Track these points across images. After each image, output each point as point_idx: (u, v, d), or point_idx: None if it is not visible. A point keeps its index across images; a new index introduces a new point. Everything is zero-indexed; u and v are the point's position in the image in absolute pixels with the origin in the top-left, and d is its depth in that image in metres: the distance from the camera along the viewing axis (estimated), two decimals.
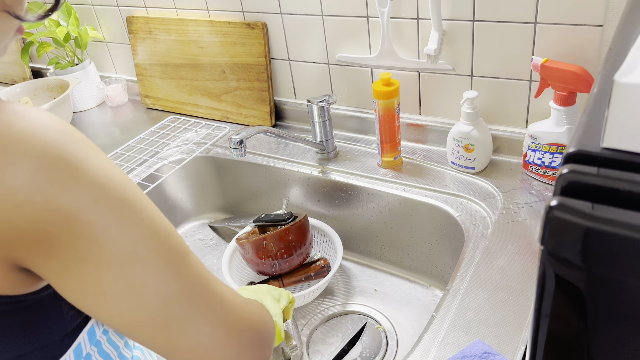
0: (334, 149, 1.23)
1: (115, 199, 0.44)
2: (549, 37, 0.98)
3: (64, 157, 0.42)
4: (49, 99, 1.54)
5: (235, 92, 1.37)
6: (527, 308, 0.79)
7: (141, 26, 1.46)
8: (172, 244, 0.48)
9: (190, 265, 0.49)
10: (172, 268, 0.47)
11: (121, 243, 0.44)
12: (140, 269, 0.45)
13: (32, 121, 0.42)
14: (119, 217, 0.44)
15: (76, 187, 0.42)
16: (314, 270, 1.10)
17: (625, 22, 0.57)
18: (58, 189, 0.41)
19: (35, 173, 0.40)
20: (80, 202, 0.42)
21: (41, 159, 0.41)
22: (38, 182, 0.40)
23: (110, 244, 0.43)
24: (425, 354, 0.75)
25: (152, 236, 0.46)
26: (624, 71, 0.38)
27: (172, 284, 0.47)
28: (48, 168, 0.41)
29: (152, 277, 0.46)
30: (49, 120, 0.43)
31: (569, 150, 0.39)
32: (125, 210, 0.45)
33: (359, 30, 1.16)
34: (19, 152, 0.40)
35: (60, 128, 0.43)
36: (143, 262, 0.45)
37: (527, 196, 1.00)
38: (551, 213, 0.38)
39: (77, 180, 0.42)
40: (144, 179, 1.24)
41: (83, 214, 0.42)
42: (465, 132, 1.04)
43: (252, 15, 1.29)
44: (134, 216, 0.45)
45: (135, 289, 0.45)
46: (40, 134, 0.42)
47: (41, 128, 0.42)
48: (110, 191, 0.44)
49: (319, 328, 1.08)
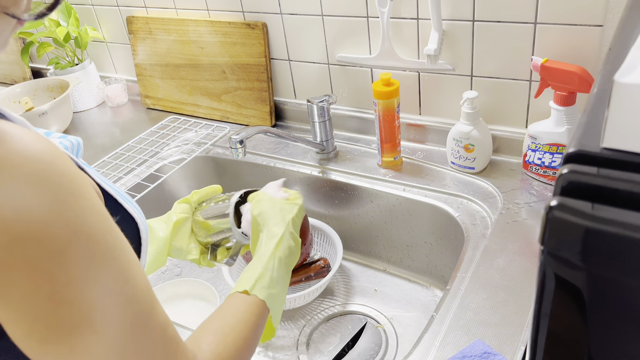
0: (334, 149, 1.23)
1: (84, 254, 0.40)
2: (549, 37, 0.98)
3: (39, 194, 0.38)
4: (49, 99, 1.54)
5: (235, 92, 1.37)
6: (527, 308, 0.79)
7: (141, 26, 1.46)
8: (138, 310, 0.45)
9: (153, 328, 0.46)
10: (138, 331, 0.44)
11: (78, 304, 0.40)
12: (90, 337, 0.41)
13: (10, 146, 0.38)
14: (83, 275, 0.40)
15: (43, 233, 0.38)
16: (314, 270, 1.10)
17: (625, 22, 0.57)
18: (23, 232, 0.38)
19: (4, 206, 0.37)
20: (43, 251, 0.38)
21: (13, 193, 0.37)
22: (4, 219, 0.37)
23: (66, 304, 0.40)
24: (425, 354, 0.75)
25: (115, 301, 0.43)
26: (624, 71, 0.38)
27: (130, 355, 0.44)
28: (18, 204, 0.37)
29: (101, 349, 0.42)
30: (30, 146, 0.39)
31: (569, 150, 0.39)
32: (91, 268, 0.41)
33: (359, 30, 1.16)
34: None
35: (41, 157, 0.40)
36: (96, 331, 0.41)
37: (527, 196, 1.00)
38: (551, 213, 0.38)
39: (46, 225, 0.39)
40: (144, 179, 1.24)
41: (45, 264, 0.39)
42: (465, 132, 1.04)
43: (252, 15, 1.29)
44: (99, 275, 0.41)
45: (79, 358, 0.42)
46: (18, 163, 0.38)
47: (20, 156, 0.38)
48: (79, 243, 0.40)
49: (319, 328, 1.08)
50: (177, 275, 1.25)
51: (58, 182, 0.40)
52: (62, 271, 0.40)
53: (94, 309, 0.41)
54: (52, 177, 0.40)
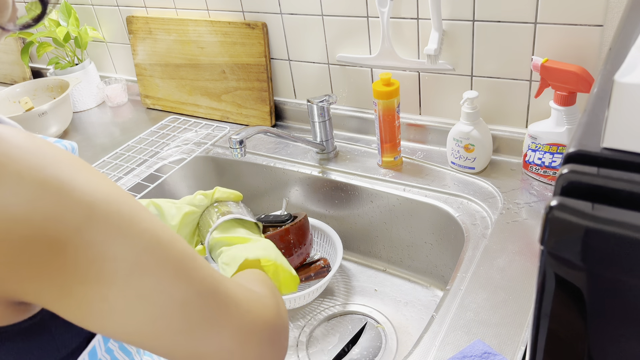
0: (334, 149, 1.23)
1: (109, 215, 0.42)
2: (549, 37, 0.98)
3: (44, 181, 0.39)
4: (49, 99, 1.54)
5: (235, 92, 1.37)
6: (527, 308, 0.79)
7: (141, 26, 1.46)
8: (178, 250, 0.47)
9: (200, 268, 0.48)
10: (183, 273, 0.46)
11: (123, 257, 0.42)
12: (149, 278, 0.44)
13: (6, 145, 0.39)
14: (116, 232, 0.42)
15: (62, 210, 0.40)
16: (314, 270, 1.10)
17: (625, 22, 0.57)
18: (42, 215, 0.39)
19: (14, 202, 0.38)
20: (69, 225, 0.40)
21: (19, 187, 0.38)
22: (19, 212, 0.38)
23: (111, 260, 0.42)
24: (425, 354, 0.75)
25: (155, 245, 0.45)
26: (624, 71, 0.38)
27: (185, 288, 0.46)
28: (27, 195, 0.39)
29: (164, 284, 0.44)
30: (25, 143, 0.41)
31: (569, 150, 0.39)
32: (121, 224, 0.43)
33: (359, 30, 1.16)
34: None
35: (37, 150, 0.41)
36: (150, 271, 0.44)
37: (527, 196, 1.00)
38: (551, 213, 0.38)
39: (62, 203, 0.40)
40: (144, 179, 1.24)
41: (76, 236, 0.40)
42: (466, 132, 1.04)
43: (252, 15, 1.29)
44: (131, 228, 0.43)
45: (148, 300, 0.44)
46: (16, 159, 0.39)
47: (16, 153, 0.39)
48: (101, 208, 0.42)
49: (318, 328, 1.08)
50: None
51: (59, 169, 0.41)
52: (96, 235, 0.41)
53: (141, 254, 0.43)
54: (53, 165, 0.41)
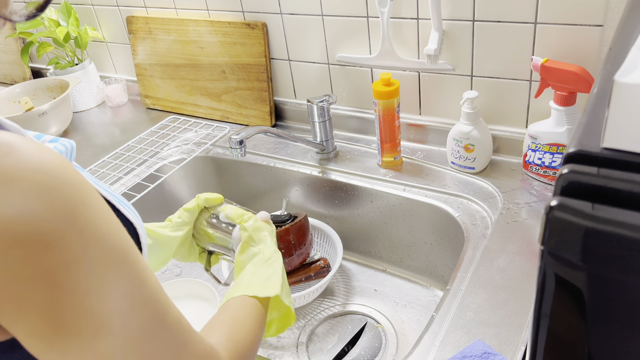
0: (334, 149, 1.23)
1: (100, 261, 0.41)
2: (549, 37, 0.98)
3: (50, 205, 0.38)
4: (49, 99, 1.54)
5: (235, 92, 1.37)
6: (527, 308, 0.79)
7: (141, 26, 1.46)
8: (154, 310, 0.45)
9: (170, 324, 0.47)
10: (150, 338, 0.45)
11: (98, 312, 0.41)
12: (110, 342, 0.42)
13: (18, 158, 0.38)
14: (100, 283, 0.41)
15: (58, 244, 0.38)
16: (314, 270, 1.10)
17: (625, 22, 0.57)
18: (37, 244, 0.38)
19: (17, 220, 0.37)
20: (59, 262, 0.38)
21: (25, 206, 0.37)
22: (17, 232, 0.37)
23: (86, 313, 0.40)
24: (425, 354, 0.75)
25: (132, 304, 0.43)
26: (624, 71, 0.38)
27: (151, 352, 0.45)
28: (30, 216, 0.37)
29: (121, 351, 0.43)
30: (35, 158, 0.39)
31: (569, 150, 0.39)
32: (107, 275, 0.41)
33: (359, 30, 1.16)
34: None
35: (49, 168, 0.39)
36: (116, 336, 0.42)
37: (527, 196, 1.00)
38: (551, 213, 0.38)
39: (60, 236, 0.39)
40: (144, 179, 1.24)
41: (61, 275, 0.39)
42: (466, 132, 1.04)
43: (252, 15, 1.29)
44: (115, 281, 0.42)
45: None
46: (28, 175, 0.38)
47: (28, 168, 0.38)
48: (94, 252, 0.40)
49: (319, 328, 1.08)
50: (177, 275, 1.25)
51: (68, 192, 0.40)
52: (79, 281, 0.40)
53: (112, 315, 0.42)
54: (62, 187, 0.40)
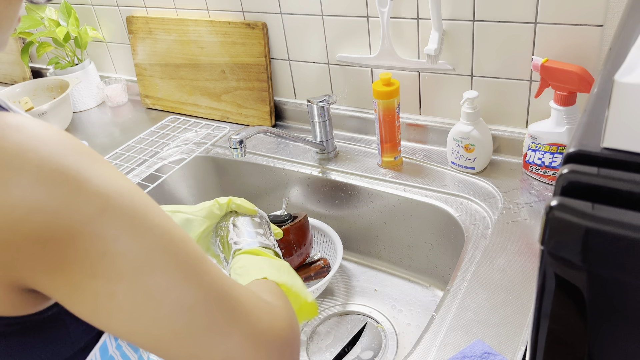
0: (334, 149, 1.23)
1: (122, 209, 0.42)
2: (549, 37, 0.98)
3: (62, 169, 0.40)
4: (49, 99, 1.54)
5: (235, 92, 1.37)
6: (527, 308, 0.79)
7: (141, 26, 1.46)
8: (189, 250, 0.46)
9: (209, 272, 0.47)
10: (192, 274, 0.45)
11: (134, 253, 0.42)
12: (158, 277, 0.43)
13: (28, 134, 0.40)
14: (128, 226, 0.42)
15: (78, 200, 0.40)
16: (314, 270, 1.10)
17: (625, 22, 0.57)
18: (58, 203, 0.39)
19: (33, 189, 0.39)
20: (84, 215, 0.40)
21: (38, 174, 0.39)
22: (36, 199, 0.39)
23: (122, 255, 0.41)
24: (425, 354, 0.75)
25: (166, 243, 0.44)
26: (624, 71, 0.38)
27: (194, 290, 0.45)
28: (46, 183, 0.39)
29: (172, 285, 0.43)
30: (46, 132, 0.41)
31: (569, 150, 0.39)
32: (134, 219, 0.43)
33: (359, 30, 1.16)
34: (15, 168, 0.39)
35: (58, 139, 0.42)
36: (160, 270, 0.43)
37: (527, 196, 1.00)
38: (551, 213, 0.38)
39: (79, 192, 0.40)
40: (144, 179, 1.24)
41: (88, 227, 0.40)
42: (466, 132, 1.04)
43: (252, 15, 1.29)
44: (144, 224, 0.43)
45: (155, 299, 0.43)
46: (36, 146, 0.40)
47: (37, 140, 0.40)
48: (115, 201, 0.42)
49: (319, 328, 1.08)
50: None
51: (78, 155, 0.42)
52: (108, 228, 0.41)
53: (151, 251, 0.43)
54: (73, 152, 0.42)
